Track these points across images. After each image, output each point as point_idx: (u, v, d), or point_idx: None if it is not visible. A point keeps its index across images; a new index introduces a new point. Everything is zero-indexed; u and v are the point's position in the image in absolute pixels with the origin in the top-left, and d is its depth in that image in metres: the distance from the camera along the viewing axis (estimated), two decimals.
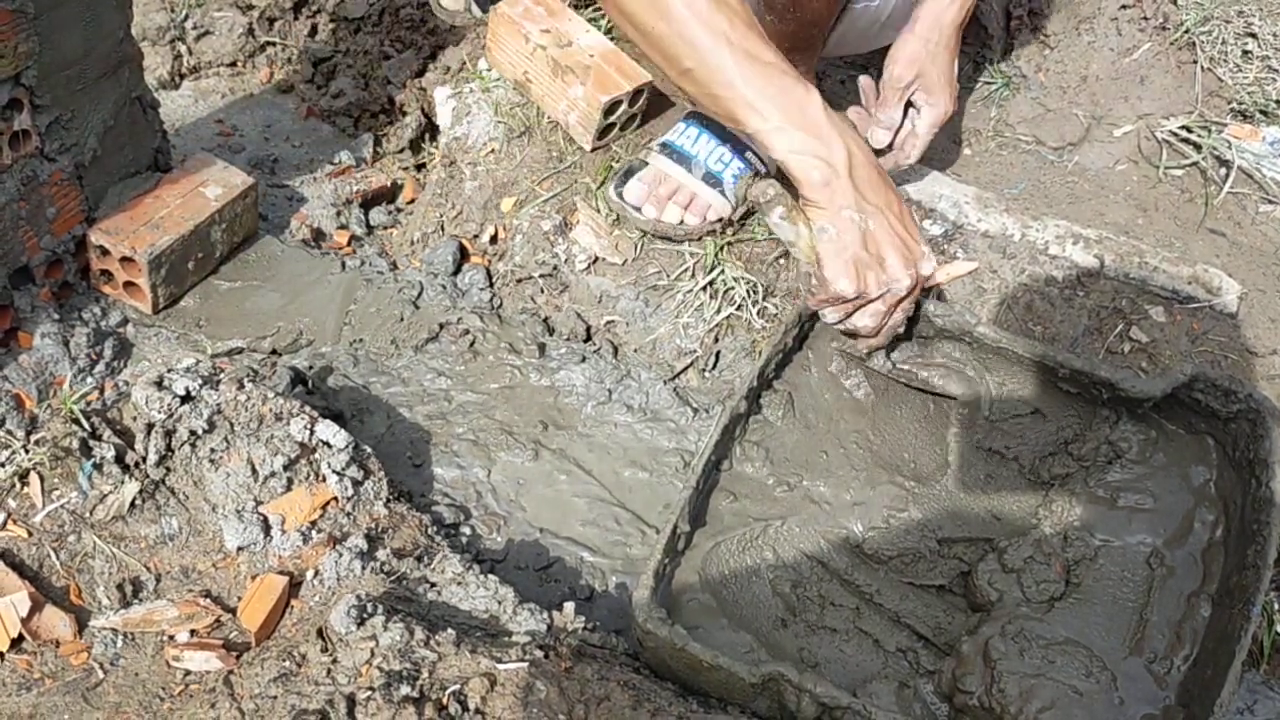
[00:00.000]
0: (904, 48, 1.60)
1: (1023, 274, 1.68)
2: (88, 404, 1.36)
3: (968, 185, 1.77)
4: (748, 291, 1.69)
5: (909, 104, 1.64)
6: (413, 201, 2.03)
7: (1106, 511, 1.39)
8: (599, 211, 1.77)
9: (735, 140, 1.72)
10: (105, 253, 1.64)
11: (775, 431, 1.47)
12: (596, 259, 1.74)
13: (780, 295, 1.70)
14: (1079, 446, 1.44)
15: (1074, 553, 1.36)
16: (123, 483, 1.26)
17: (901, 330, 1.45)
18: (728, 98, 1.35)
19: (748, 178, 1.48)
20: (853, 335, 1.45)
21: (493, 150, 1.87)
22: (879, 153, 1.65)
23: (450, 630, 1.14)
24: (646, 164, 1.75)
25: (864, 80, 1.67)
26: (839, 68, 2.09)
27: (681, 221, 1.72)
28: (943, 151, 1.86)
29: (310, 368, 1.64)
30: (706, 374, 1.68)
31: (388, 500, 1.36)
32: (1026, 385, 1.47)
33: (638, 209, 1.72)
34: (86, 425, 1.29)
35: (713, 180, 1.70)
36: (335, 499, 1.31)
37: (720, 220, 1.72)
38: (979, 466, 1.48)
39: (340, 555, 1.24)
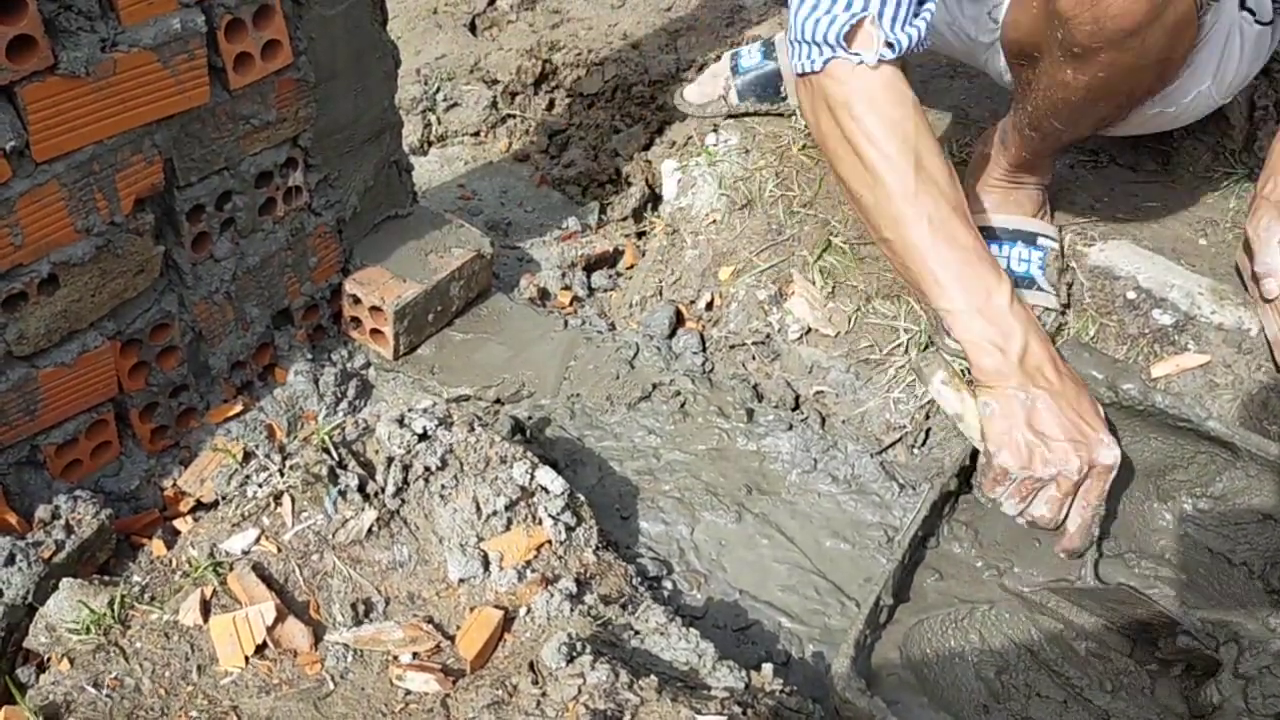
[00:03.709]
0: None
1: (1259, 370, 1.60)
2: (334, 436, 1.48)
3: (1202, 276, 1.71)
4: (963, 370, 1.67)
5: None
6: (632, 267, 2.12)
7: None
8: (813, 283, 1.81)
9: (1020, 233, 1.72)
10: (357, 301, 1.79)
11: (986, 513, 1.45)
12: (809, 330, 1.78)
13: None
14: None
15: None
16: (363, 510, 1.36)
17: (1097, 532, 1.40)
18: (919, 273, 1.42)
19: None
20: (1040, 528, 1.41)
21: (714, 220, 1.94)
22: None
23: (653, 677, 1.17)
24: None
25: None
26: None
27: None
28: (1176, 240, 1.80)
29: (530, 418, 1.73)
30: (915, 450, 1.68)
31: (597, 548, 1.42)
32: (1258, 486, 1.40)
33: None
34: (335, 455, 1.41)
35: (1027, 283, 1.68)
36: (549, 542, 1.38)
37: (1051, 312, 1.70)
38: (1205, 568, 1.42)
39: (551, 595, 1.30)
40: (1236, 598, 1.37)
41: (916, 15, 1.44)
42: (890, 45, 1.42)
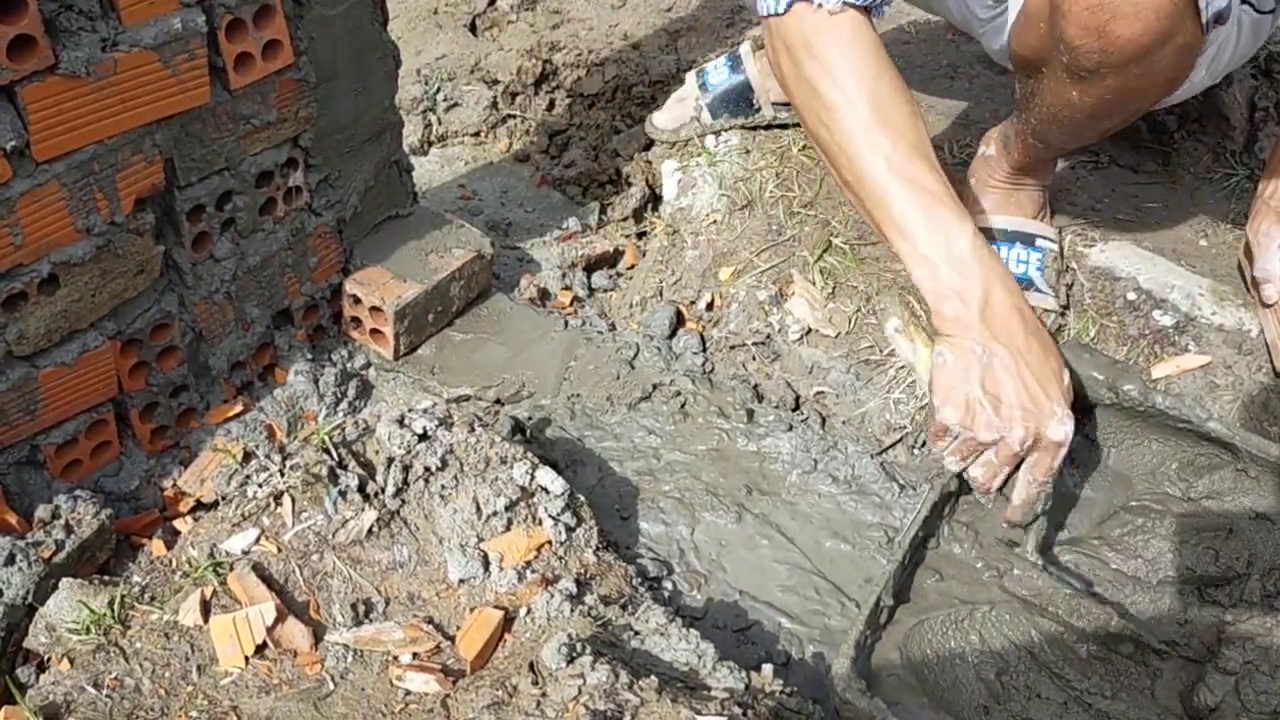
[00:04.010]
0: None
1: (1259, 371, 1.60)
2: (334, 437, 1.48)
3: (1203, 276, 1.71)
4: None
5: None
6: (633, 267, 2.12)
7: None
8: (814, 284, 1.81)
9: (1019, 234, 1.72)
10: (357, 301, 1.79)
11: (986, 515, 1.45)
12: (809, 330, 1.77)
13: None
14: None
15: None
16: (363, 510, 1.36)
17: (1042, 509, 1.37)
18: (877, 214, 1.38)
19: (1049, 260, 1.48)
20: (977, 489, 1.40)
21: (715, 221, 1.94)
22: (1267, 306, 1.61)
23: (653, 677, 1.17)
24: None
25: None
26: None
27: None
28: (1177, 241, 1.81)
29: (530, 418, 1.72)
30: (915, 451, 1.68)
31: (597, 548, 1.42)
32: (1258, 487, 1.39)
33: None
34: (335, 455, 1.40)
35: (1025, 284, 1.67)
36: (549, 542, 1.38)
37: (1050, 314, 1.69)
38: (1205, 573, 1.41)
39: (552, 596, 1.30)
40: (1237, 601, 1.37)
41: None
42: None
